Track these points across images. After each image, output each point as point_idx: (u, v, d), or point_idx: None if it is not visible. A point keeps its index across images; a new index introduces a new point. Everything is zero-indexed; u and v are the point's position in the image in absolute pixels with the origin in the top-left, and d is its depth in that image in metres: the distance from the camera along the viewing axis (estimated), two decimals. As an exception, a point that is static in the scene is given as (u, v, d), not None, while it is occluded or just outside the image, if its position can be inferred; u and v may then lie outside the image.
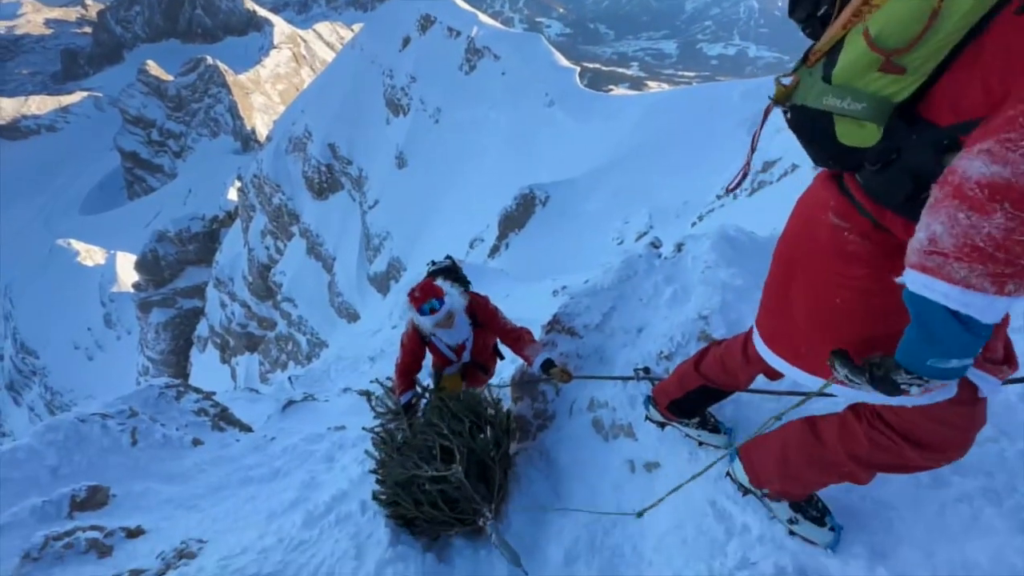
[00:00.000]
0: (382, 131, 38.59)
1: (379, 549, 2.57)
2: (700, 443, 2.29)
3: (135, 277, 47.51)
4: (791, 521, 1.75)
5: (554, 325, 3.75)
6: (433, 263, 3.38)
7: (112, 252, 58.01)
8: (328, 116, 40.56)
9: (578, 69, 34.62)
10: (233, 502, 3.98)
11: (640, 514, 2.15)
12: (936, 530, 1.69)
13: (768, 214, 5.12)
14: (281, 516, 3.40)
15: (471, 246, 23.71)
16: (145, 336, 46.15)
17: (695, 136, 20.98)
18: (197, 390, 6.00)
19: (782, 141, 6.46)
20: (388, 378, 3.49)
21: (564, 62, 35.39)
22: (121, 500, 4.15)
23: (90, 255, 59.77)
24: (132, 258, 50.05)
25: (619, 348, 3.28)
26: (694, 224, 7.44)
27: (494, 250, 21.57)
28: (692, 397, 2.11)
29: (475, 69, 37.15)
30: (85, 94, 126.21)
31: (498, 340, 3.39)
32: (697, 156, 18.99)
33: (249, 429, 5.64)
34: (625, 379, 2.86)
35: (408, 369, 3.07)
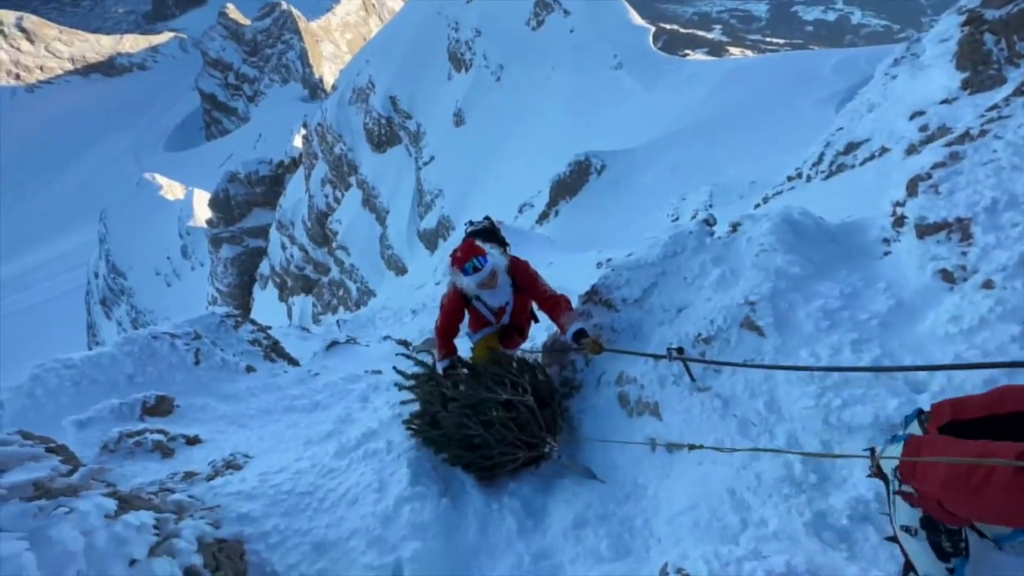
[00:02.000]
0: (443, 87, 38.22)
1: (399, 487, 2.72)
2: (892, 538, 1.63)
3: (208, 214, 51.17)
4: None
5: (592, 296, 3.68)
6: (471, 223, 3.40)
7: (190, 188, 62.54)
8: (391, 68, 40.58)
9: (652, 30, 32.30)
10: (277, 426, 4.34)
11: (693, 447, 2.10)
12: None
13: (843, 200, 4.66)
14: (317, 444, 3.67)
15: (520, 211, 23.49)
16: (215, 269, 50.13)
17: (774, 110, 19.23)
18: (253, 322, 6.48)
19: (871, 121, 5.77)
20: (419, 348, 3.70)
21: (638, 21, 33.10)
22: (184, 411, 4.63)
23: (171, 190, 64.77)
24: (207, 195, 53.75)
25: (656, 326, 3.18)
26: (757, 206, 6.93)
27: (543, 216, 21.27)
28: (1007, 423, 1.38)
29: (542, 24, 35.55)
30: (172, 35, 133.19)
31: (534, 304, 3.40)
32: (773, 133, 17.45)
33: (296, 363, 6.07)
34: (657, 357, 2.79)
35: (448, 331, 3.15)
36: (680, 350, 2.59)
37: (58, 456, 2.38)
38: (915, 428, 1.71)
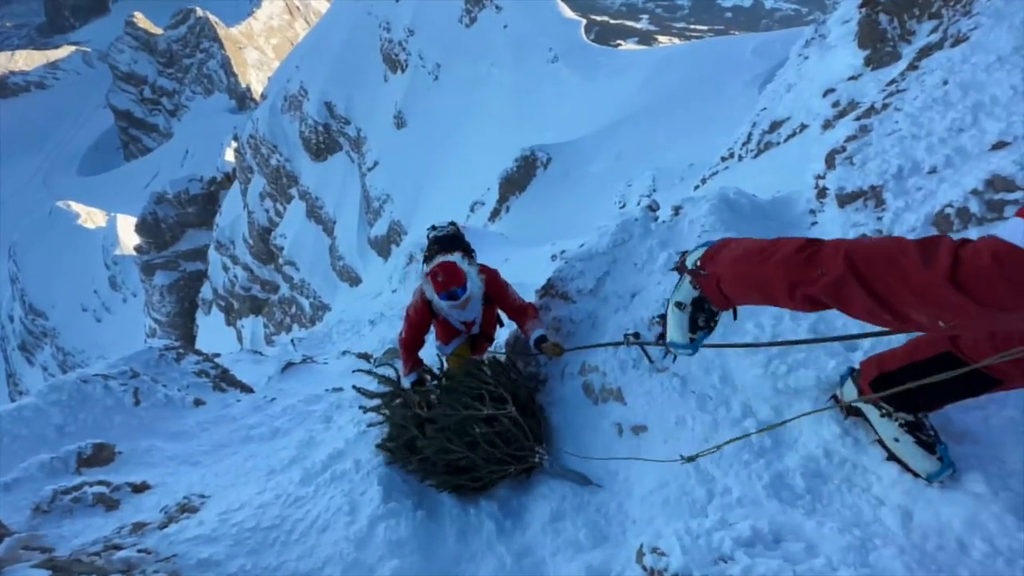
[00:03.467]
0: (380, 89, 37.30)
1: (372, 505, 2.64)
2: (890, 456, 1.72)
3: (137, 240, 47.44)
4: (679, 305, 1.70)
5: (548, 290, 3.72)
6: (434, 228, 3.34)
7: (112, 214, 57.67)
8: (324, 72, 39.11)
9: (584, 22, 32.96)
10: (234, 459, 4.10)
11: (690, 459, 2.03)
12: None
13: (772, 176, 4.95)
14: (280, 473, 3.50)
15: (472, 210, 23.39)
16: (151, 299, 46.63)
17: (704, 94, 20.17)
18: (198, 352, 6.08)
19: (790, 100, 6.16)
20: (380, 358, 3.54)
21: (569, 14, 33.65)
22: (127, 457, 4.28)
23: (91, 217, 59.50)
24: (132, 220, 49.78)
25: (612, 313, 3.25)
26: (697, 187, 7.25)
27: (495, 214, 21.28)
28: (924, 368, 1.43)
29: (476, 22, 35.39)
30: (72, 48, 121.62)
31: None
32: (705, 116, 18.30)
33: (250, 390, 5.76)
34: (615, 345, 2.85)
35: (414, 344, 3.08)
36: (636, 335, 2.66)
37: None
38: (850, 386, 1.88)
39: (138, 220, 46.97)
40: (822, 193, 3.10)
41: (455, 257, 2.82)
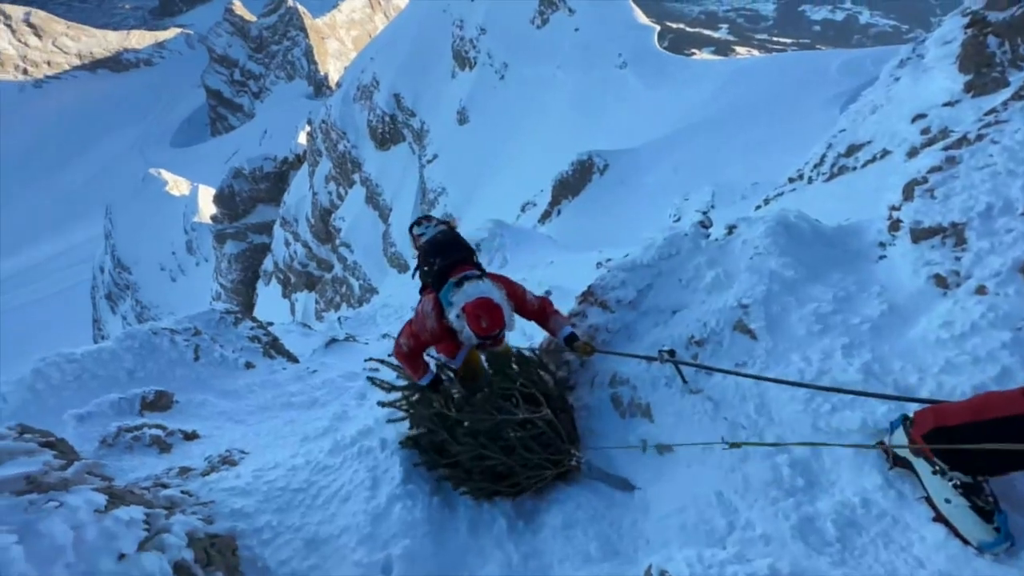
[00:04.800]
0: (447, 85, 38.22)
1: (392, 484, 2.74)
2: (938, 517, 1.63)
3: (213, 209, 51.42)
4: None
5: (587, 296, 3.69)
6: (422, 223, 3.13)
7: (195, 184, 62.84)
8: (396, 65, 40.61)
9: (658, 29, 32.17)
10: (274, 422, 4.38)
11: (734, 445, 1.99)
12: None
13: (842, 203, 4.63)
14: (312, 441, 3.70)
15: (523, 209, 23.48)
16: (219, 265, 50.38)
17: (779, 110, 19.12)
18: (253, 319, 6.52)
19: (874, 123, 5.74)
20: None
21: (644, 20, 32.97)
22: (182, 406, 4.67)
23: (177, 185, 65.10)
24: (212, 191, 54.01)
25: (650, 327, 3.18)
26: (758, 207, 6.91)
27: (545, 216, 21.25)
28: (990, 431, 1.35)
29: (547, 23, 35.47)
30: (178, 31, 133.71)
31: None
32: (777, 133, 17.35)
33: (296, 360, 6.10)
34: (649, 359, 2.79)
35: (418, 356, 2.78)
36: (672, 352, 2.59)
37: (53, 451, 2.41)
38: (900, 435, 1.74)
39: (216, 192, 50.91)
40: (895, 225, 2.87)
41: (486, 287, 2.45)
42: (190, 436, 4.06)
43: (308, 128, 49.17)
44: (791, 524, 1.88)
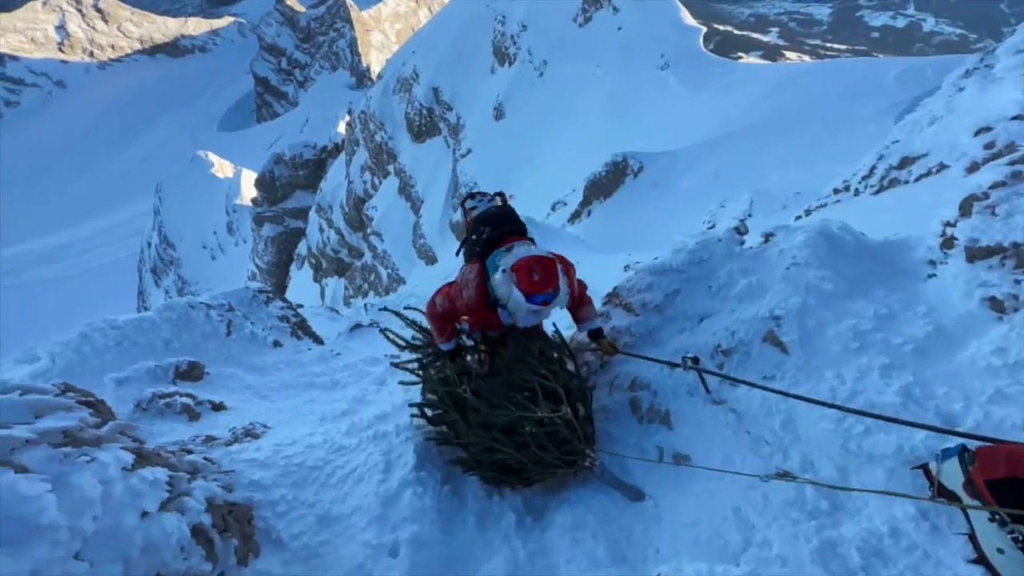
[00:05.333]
0: (485, 80, 38.34)
1: (404, 470, 2.77)
2: (979, 560, 1.56)
3: (254, 193, 53.33)
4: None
5: (612, 298, 3.63)
6: (474, 196, 3.05)
7: (239, 168, 65.33)
8: (436, 59, 41.00)
9: (704, 30, 31.31)
10: (296, 400, 4.50)
11: (774, 476, 1.85)
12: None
13: (891, 216, 4.38)
14: (331, 421, 3.78)
15: (553, 208, 23.35)
16: (256, 246, 52.28)
17: (827, 118, 18.30)
18: (284, 299, 6.73)
19: (932, 135, 5.41)
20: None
21: (690, 21, 32.15)
22: (212, 378, 4.86)
23: (222, 168, 67.83)
24: (254, 175, 56.02)
25: (675, 333, 3.10)
26: (799, 218, 6.63)
27: (575, 216, 21.07)
28: None
29: (590, 21, 35.06)
30: (232, 19, 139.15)
31: None
32: (824, 142, 16.62)
33: (321, 342, 6.26)
34: (672, 365, 2.72)
35: (452, 320, 2.66)
36: (696, 360, 2.51)
37: (91, 409, 2.55)
38: (955, 469, 1.58)
39: (258, 176, 52.76)
40: (948, 243, 2.70)
41: (539, 250, 2.34)
42: (217, 407, 4.22)
43: (348, 118, 50.30)
44: (811, 547, 1.80)
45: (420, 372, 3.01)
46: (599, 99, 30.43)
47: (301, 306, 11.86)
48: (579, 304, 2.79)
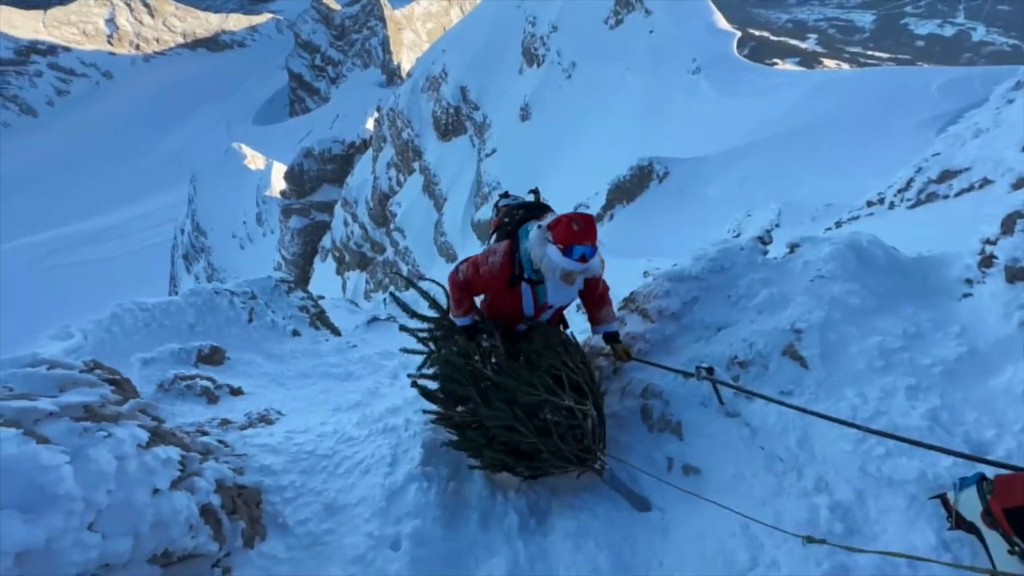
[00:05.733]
0: (513, 80, 38.41)
1: (410, 464, 2.78)
2: None
3: (283, 185, 54.75)
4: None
5: (628, 303, 3.58)
6: (508, 195, 3.00)
7: (270, 160, 67.15)
8: (465, 59, 41.28)
9: (738, 35, 30.64)
10: (311, 389, 4.59)
11: (809, 539, 1.71)
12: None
13: (927, 232, 4.20)
14: (343, 412, 3.84)
15: (574, 210, 23.20)
16: (283, 237, 53.62)
17: (864, 128, 17.67)
18: (305, 290, 6.86)
19: (976, 148, 5.16)
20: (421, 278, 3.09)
21: (724, 25, 31.53)
22: (233, 363, 5.00)
23: (254, 160, 69.81)
24: (283, 168, 57.50)
25: (691, 342, 3.03)
26: (828, 230, 6.41)
27: (596, 219, 20.85)
28: None
29: (621, 23, 34.75)
30: (270, 16, 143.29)
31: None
32: (859, 152, 16.05)
33: (338, 333, 6.37)
34: (686, 375, 2.66)
35: (471, 291, 2.52)
36: (710, 370, 2.45)
37: (115, 387, 2.64)
38: (972, 498, 1.51)
39: (288, 169, 54.12)
40: (987, 261, 2.56)
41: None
42: (236, 391, 4.33)
43: (376, 115, 51.11)
44: (822, 571, 1.73)
45: (429, 343, 2.83)
46: (627, 102, 30.12)
47: (322, 297, 12.09)
48: (600, 303, 2.72)
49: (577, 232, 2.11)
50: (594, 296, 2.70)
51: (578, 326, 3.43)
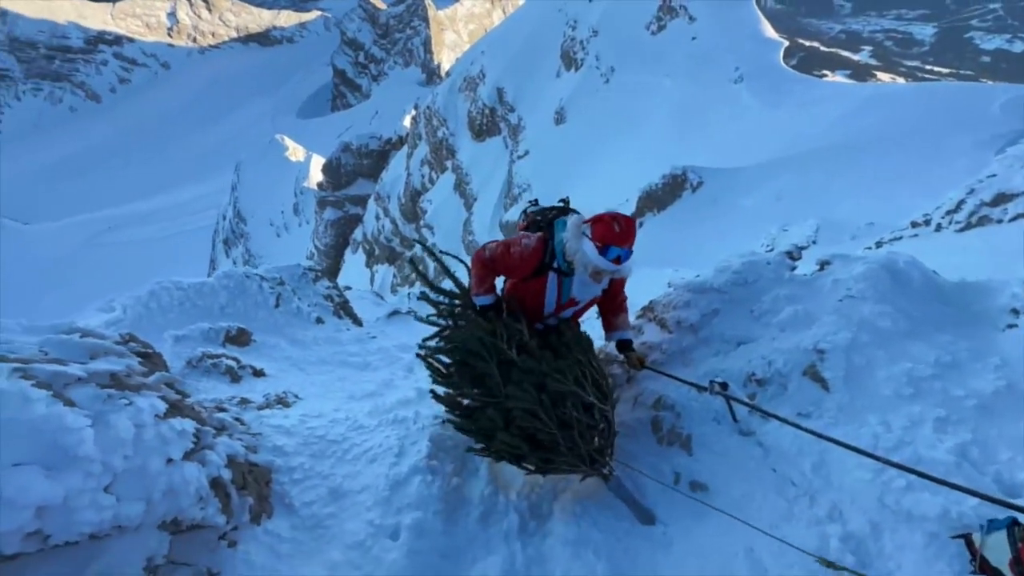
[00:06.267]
0: (550, 83, 38.39)
1: (417, 456, 2.81)
2: None
3: (320, 177, 56.44)
4: None
5: (647, 312, 3.51)
6: (537, 203, 2.92)
7: (310, 153, 69.40)
8: (504, 60, 41.54)
9: (785, 44, 29.69)
10: (329, 376, 4.70)
11: (829, 564, 1.69)
12: None
13: (974, 257, 3.94)
14: (356, 400, 3.92)
15: (604, 216, 22.94)
16: (317, 228, 55.26)
17: (915, 146, 16.80)
18: (331, 279, 7.04)
19: (1037, 171, 4.83)
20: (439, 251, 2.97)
21: (770, 34, 30.62)
22: (258, 345, 5.17)
23: (295, 152, 72.28)
24: (321, 161, 59.29)
25: (708, 356, 2.95)
26: (867, 249, 6.13)
27: (626, 226, 20.57)
28: None
29: (663, 29, 34.24)
30: (319, 14, 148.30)
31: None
32: (907, 171, 15.27)
33: (360, 323, 6.50)
34: (700, 388, 2.59)
35: (494, 272, 2.44)
36: (724, 385, 2.37)
37: (140, 358, 2.78)
38: (1000, 541, 1.41)
39: (326, 162, 55.77)
40: (1037, 291, 2.40)
41: None
42: (258, 373, 4.47)
43: (414, 112, 52.03)
44: (828, 604, 1.64)
45: (449, 320, 2.72)
46: (664, 109, 29.63)
47: (349, 288, 12.36)
48: (618, 309, 2.68)
49: (618, 234, 2.10)
50: (615, 302, 2.66)
51: (593, 334, 3.39)
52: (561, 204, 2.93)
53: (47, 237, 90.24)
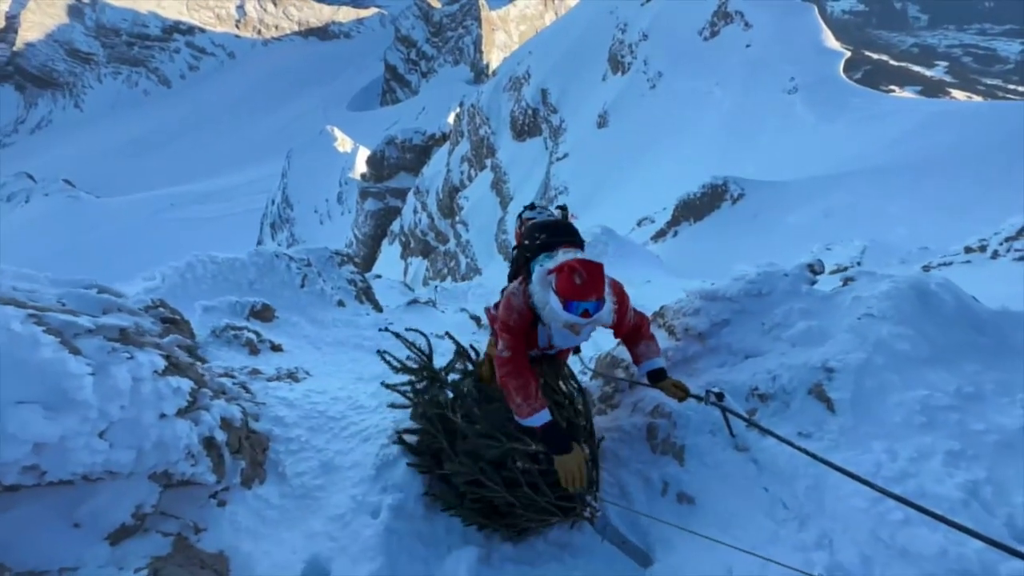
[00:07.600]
0: (595, 86, 38.04)
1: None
2: None
3: (364, 169, 58.20)
4: None
5: (656, 317, 3.42)
6: (534, 207, 2.87)
7: (357, 145, 71.74)
8: (551, 62, 41.49)
9: (847, 55, 28.18)
10: (342, 357, 4.83)
11: None
12: None
13: (1027, 288, 3.61)
14: (364, 382, 4.00)
15: (638, 224, 22.54)
16: (357, 218, 56.98)
17: (981, 168, 15.56)
18: (355, 264, 7.24)
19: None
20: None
21: (831, 44, 29.13)
22: (280, 322, 5.38)
23: (343, 143, 74.87)
24: (367, 153, 61.13)
25: (712, 366, 2.84)
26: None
27: (660, 235, 20.13)
28: None
29: (717, 35, 33.24)
30: (376, 11, 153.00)
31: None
32: (969, 194, 14.16)
33: (380, 310, 6.66)
34: (698, 399, 2.49)
35: (525, 363, 2.16)
36: (720, 396, 2.27)
37: (164, 323, 2.94)
38: None
39: (370, 154, 57.47)
40: (1087, 326, 2.17)
41: (590, 257, 2.03)
42: (276, 347, 4.65)
43: (458, 110, 52.78)
44: (803, 634, 1.54)
45: (413, 398, 2.78)
46: (712, 118, 28.75)
47: (379, 277, 12.68)
48: (635, 338, 2.42)
49: (580, 287, 1.84)
50: (628, 333, 2.40)
51: (606, 341, 3.31)
52: (559, 210, 2.86)
53: (117, 210, 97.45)
